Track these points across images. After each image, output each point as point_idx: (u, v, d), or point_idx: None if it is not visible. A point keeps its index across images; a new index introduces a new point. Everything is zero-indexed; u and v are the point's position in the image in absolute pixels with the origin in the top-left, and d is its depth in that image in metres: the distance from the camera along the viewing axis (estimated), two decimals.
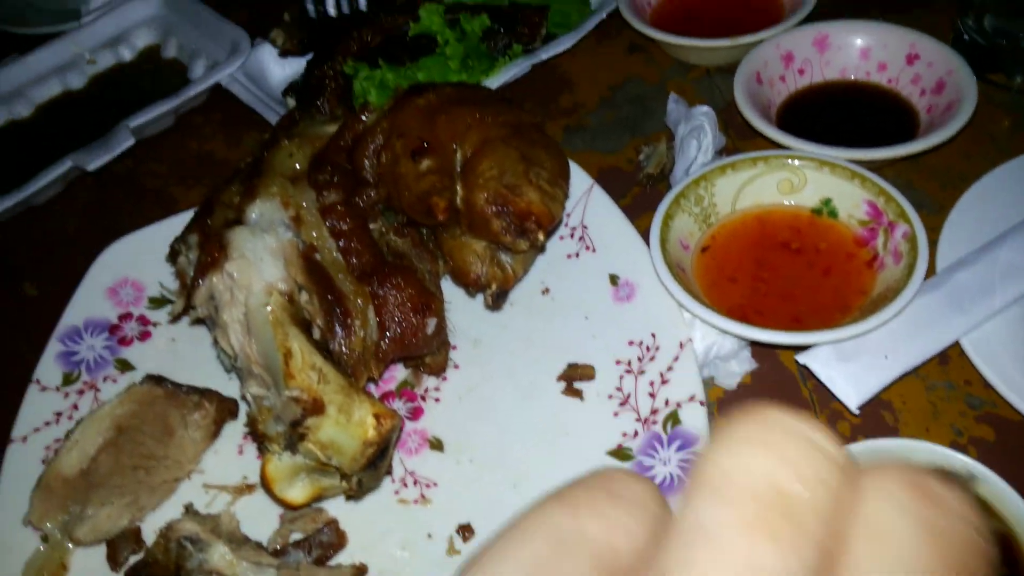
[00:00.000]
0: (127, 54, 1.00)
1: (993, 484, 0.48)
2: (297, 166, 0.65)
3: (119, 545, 0.56)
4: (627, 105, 0.85)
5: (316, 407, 0.51)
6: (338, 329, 0.58)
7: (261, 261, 0.58)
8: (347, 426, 0.51)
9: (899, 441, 0.53)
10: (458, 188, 0.61)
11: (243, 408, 0.63)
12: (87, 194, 0.88)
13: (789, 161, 0.69)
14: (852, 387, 0.56)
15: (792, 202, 0.69)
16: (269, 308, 0.56)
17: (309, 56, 0.88)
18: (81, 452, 0.58)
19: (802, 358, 0.59)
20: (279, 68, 0.92)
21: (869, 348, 0.58)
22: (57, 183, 0.85)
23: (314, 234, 0.61)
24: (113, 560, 0.56)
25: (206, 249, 0.59)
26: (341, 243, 0.61)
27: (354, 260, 0.61)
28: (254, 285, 0.57)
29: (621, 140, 0.82)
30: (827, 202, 0.68)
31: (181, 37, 0.97)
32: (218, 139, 0.91)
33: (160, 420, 0.60)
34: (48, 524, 0.57)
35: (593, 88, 0.87)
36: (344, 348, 0.57)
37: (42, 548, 0.57)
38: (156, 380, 0.62)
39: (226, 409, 0.63)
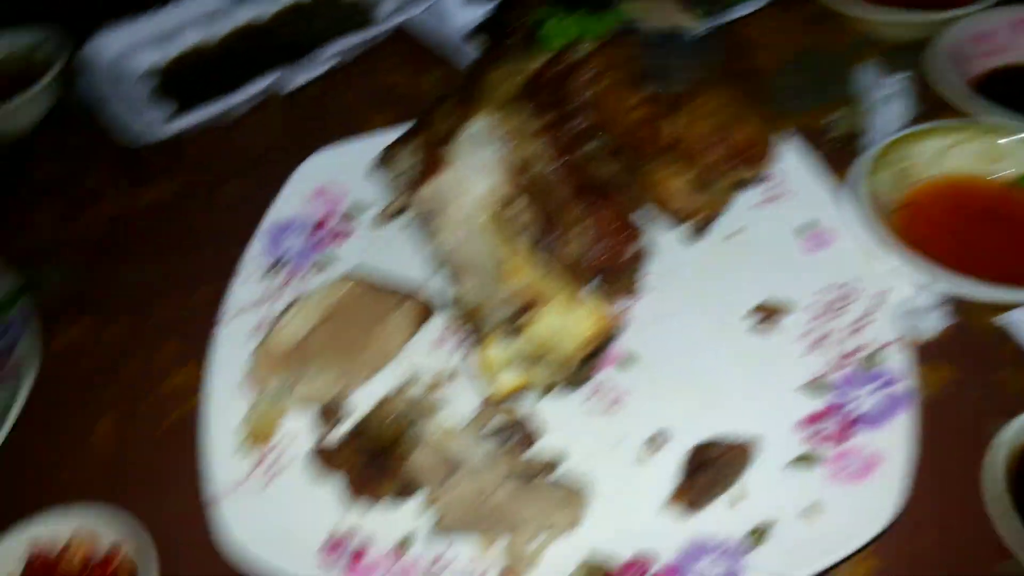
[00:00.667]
0: None
1: None
2: (509, 91, 0.68)
3: (330, 411, 0.59)
4: (810, 71, 0.86)
5: (538, 301, 0.54)
6: (551, 239, 0.60)
7: (480, 170, 0.61)
8: (569, 320, 0.53)
9: None
10: (674, 119, 0.62)
11: (442, 307, 0.66)
12: (277, 115, 0.93)
13: (991, 132, 0.69)
14: None
15: (992, 172, 0.69)
16: (487, 212, 0.59)
17: (494, 3, 0.91)
18: (297, 328, 0.62)
19: (1003, 319, 0.59)
20: (462, 14, 0.95)
21: None
22: (249, 103, 0.90)
23: (527, 152, 0.64)
24: (327, 421, 0.59)
25: (430, 154, 0.62)
26: (551, 164, 0.64)
27: (563, 181, 0.63)
28: (474, 190, 0.60)
29: (804, 103, 0.82)
30: None
31: None
32: (400, 74, 0.95)
33: (366, 312, 0.63)
34: (266, 385, 0.61)
35: (776, 53, 0.88)
36: (555, 257, 0.59)
37: (255, 408, 0.61)
38: (364, 276, 0.65)
39: (425, 309, 0.65)
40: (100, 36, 0.98)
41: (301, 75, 0.92)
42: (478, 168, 0.61)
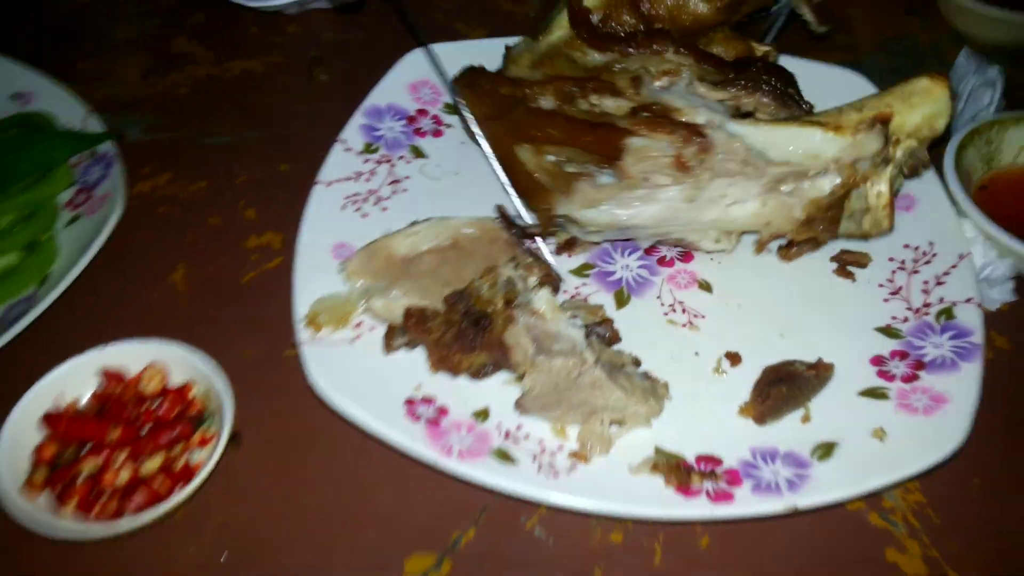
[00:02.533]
0: None
1: None
2: None
3: (414, 315, 0.59)
4: (901, 56, 0.88)
5: (886, 117, 0.59)
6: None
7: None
8: (918, 103, 0.60)
9: None
10: None
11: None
12: (381, 14, 0.94)
13: None
14: None
15: None
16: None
17: None
18: (414, 243, 0.63)
19: None
20: None
21: None
22: None
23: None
24: (415, 323, 0.59)
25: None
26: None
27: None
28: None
29: (893, 83, 0.84)
30: None
31: None
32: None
33: (489, 259, 0.62)
34: (358, 281, 0.62)
35: (870, 35, 0.90)
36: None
37: (339, 297, 0.61)
38: (509, 224, 0.65)
39: (550, 281, 0.63)
40: None
41: None
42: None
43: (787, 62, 0.70)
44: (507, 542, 0.53)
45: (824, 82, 0.71)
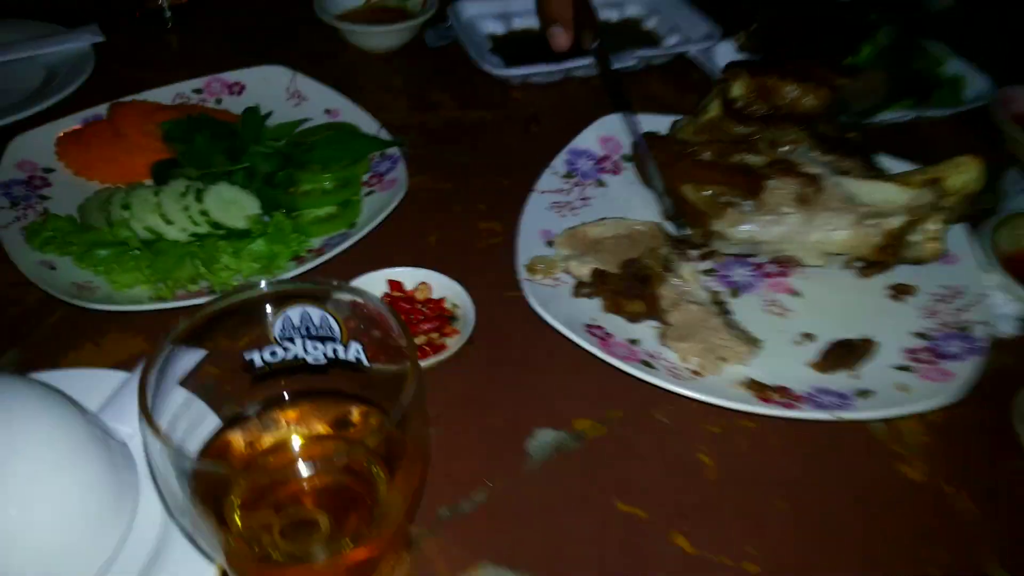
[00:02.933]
0: (614, 16, 1.41)
1: None
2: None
3: (598, 273, 0.91)
4: None
5: (938, 178, 0.89)
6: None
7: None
8: (960, 172, 0.88)
9: None
10: None
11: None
12: (576, 88, 1.29)
13: None
14: None
15: None
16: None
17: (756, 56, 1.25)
18: (602, 230, 0.95)
19: None
20: (727, 57, 1.28)
21: None
22: (554, 77, 1.27)
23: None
24: (598, 278, 0.90)
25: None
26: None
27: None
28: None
29: None
30: None
31: (663, 16, 1.37)
32: (667, 88, 1.30)
33: (653, 246, 0.94)
34: (562, 251, 0.94)
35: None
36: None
37: (548, 257, 0.93)
38: (668, 238, 0.96)
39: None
40: (460, 2, 1.38)
41: (621, 61, 1.28)
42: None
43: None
44: (641, 420, 0.81)
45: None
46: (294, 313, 0.62)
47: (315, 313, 0.62)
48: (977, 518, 0.74)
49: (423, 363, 0.82)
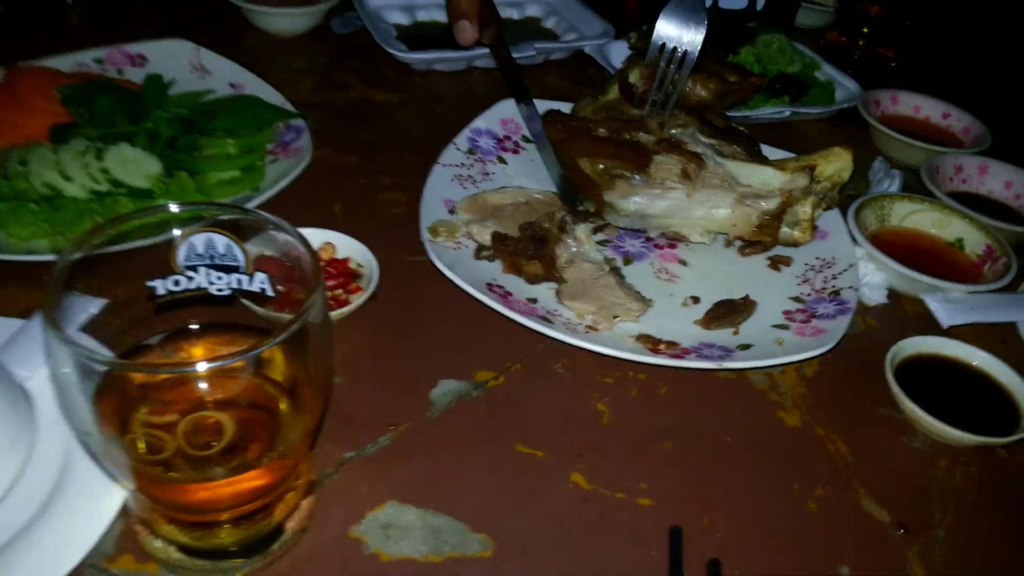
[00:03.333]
0: (516, 15, 1.47)
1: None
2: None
3: (498, 236, 0.94)
4: None
5: (812, 165, 0.95)
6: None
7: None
8: (832, 160, 0.95)
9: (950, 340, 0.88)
10: None
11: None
12: (477, 79, 1.33)
13: (944, 210, 1.07)
14: (946, 314, 0.92)
15: (938, 233, 1.06)
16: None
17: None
18: (502, 198, 0.99)
19: (924, 296, 0.95)
20: (620, 53, 1.35)
21: (964, 304, 0.94)
22: (456, 65, 1.31)
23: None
24: (498, 240, 0.93)
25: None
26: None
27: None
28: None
29: None
30: (960, 240, 1.05)
31: (561, 16, 1.44)
32: (564, 80, 1.36)
33: (537, 210, 0.99)
34: (464, 215, 0.97)
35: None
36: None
37: (450, 221, 0.96)
38: (546, 192, 1.01)
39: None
40: None
41: (520, 52, 1.32)
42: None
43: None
44: (540, 373, 0.85)
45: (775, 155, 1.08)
46: (198, 240, 0.62)
47: (220, 241, 0.62)
48: (847, 458, 0.80)
49: None
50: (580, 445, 0.78)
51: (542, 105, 1.11)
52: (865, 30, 1.51)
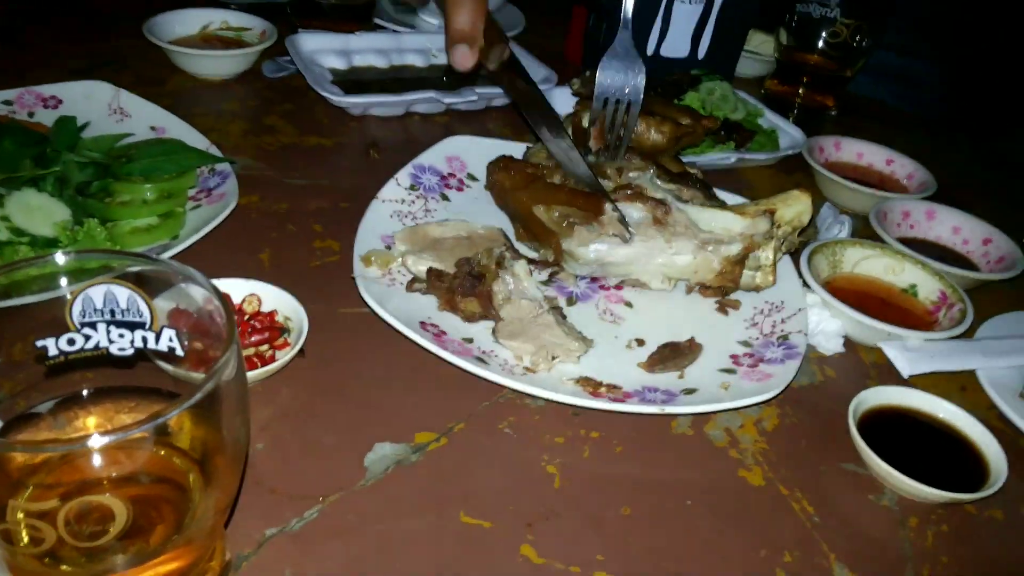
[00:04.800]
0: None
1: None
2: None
3: (433, 272, 0.88)
4: None
5: (772, 209, 0.92)
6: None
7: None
8: (792, 204, 0.92)
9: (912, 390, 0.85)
10: None
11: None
12: (414, 126, 1.28)
13: (896, 256, 1.04)
14: (906, 363, 0.89)
15: (891, 280, 1.04)
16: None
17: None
18: (443, 230, 0.93)
19: (882, 345, 0.92)
20: (563, 99, 1.32)
21: (923, 352, 0.90)
22: (393, 110, 1.26)
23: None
24: (434, 276, 0.87)
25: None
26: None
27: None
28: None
29: None
30: (913, 286, 1.02)
31: None
32: (508, 128, 1.32)
33: (479, 245, 0.94)
34: (401, 246, 0.91)
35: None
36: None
37: (385, 249, 0.91)
38: (506, 241, 0.96)
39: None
40: (300, 36, 1.35)
41: (461, 97, 1.28)
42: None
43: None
44: (485, 434, 0.78)
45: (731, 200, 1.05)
46: (96, 293, 0.54)
47: (121, 294, 0.55)
48: (814, 519, 0.75)
49: (250, 375, 0.76)
50: (530, 514, 0.71)
51: (495, 145, 1.07)
52: (805, 79, 1.51)
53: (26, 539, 0.48)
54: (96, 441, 0.43)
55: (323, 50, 1.35)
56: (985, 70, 1.48)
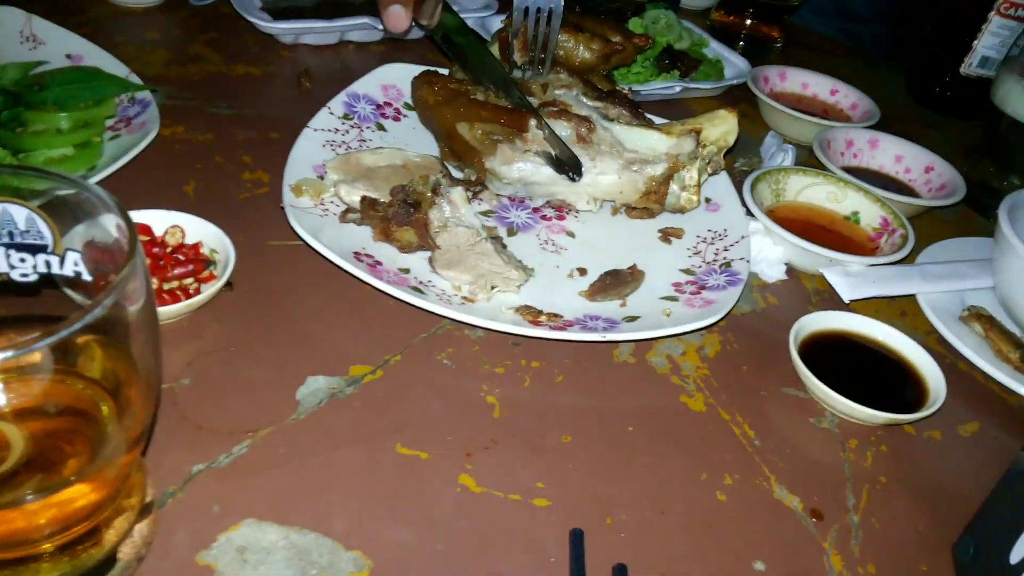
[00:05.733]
0: None
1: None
2: None
3: (367, 201, 0.85)
4: None
5: (697, 129, 0.90)
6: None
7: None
8: (717, 124, 0.91)
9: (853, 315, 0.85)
10: None
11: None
12: (349, 55, 1.22)
13: (839, 183, 1.04)
14: (847, 288, 0.88)
15: (833, 207, 1.03)
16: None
17: None
18: (376, 159, 0.89)
19: (824, 271, 0.91)
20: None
21: (863, 277, 0.90)
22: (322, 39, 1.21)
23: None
24: (368, 205, 0.84)
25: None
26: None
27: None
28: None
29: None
30: (855, 213, 1.02)
31: None
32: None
33: (411, 172, 0.90)
34: (333, 175, 0.87)
35: None
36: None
37: (316, 179, 0.87)
38: (443, 169, 0.92)
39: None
40: None
41: (369, 34, 1.23)
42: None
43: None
44: (423, 365, 0.76)
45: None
46: None
47: (19, 213, 0.51)
48: (755, 442, 0.74)
49: (172, 308, 0.72)
50: (469, 443, 0.69)
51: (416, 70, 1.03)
52: (751, 10, 1.48)
53: None
54: None
55: None
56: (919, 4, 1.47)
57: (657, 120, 1.02)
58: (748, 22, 1.49)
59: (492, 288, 0.79)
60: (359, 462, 0.66)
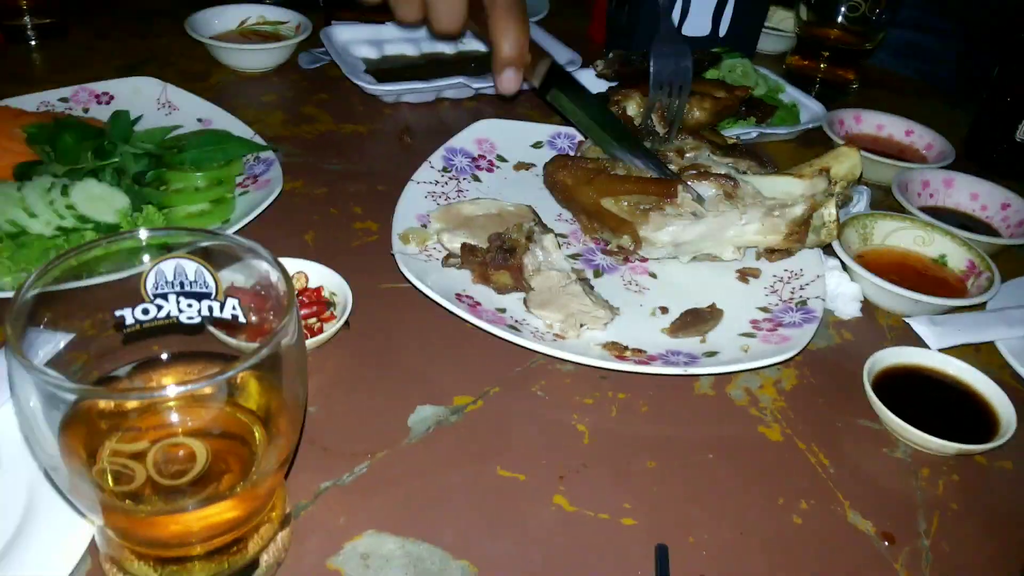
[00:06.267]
0: (483, 47, 1.48)
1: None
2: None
3: (467, 247, 0.94)
4: None
5: (826, 168, 0.97)
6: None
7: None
8: (843, 160, 0.98)
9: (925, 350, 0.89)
10: None
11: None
12: (446, 111, 1.33)
13: (925, 227, 1.07)
14: (935, 338, 0.92)
15: (921, 250, 1.07)
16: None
17: (613, 84, 1.33)
18: (474, 208, 0.99)
19: (910, 321, 0.96)
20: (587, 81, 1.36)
21: (949, 326, 0.94)
22: (423, 97, 1.32)
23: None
24: (467, 251, 0.93)
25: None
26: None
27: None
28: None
29: None
30: (943, 256, 1.06)
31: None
32: (535, 111, 1.37)
33: (507, 222, 0.99)
34: (436, 224, 0.97)
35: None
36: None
37: (421, 228, 0.97)
38: (535, 216, 1.00)
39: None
40: (333, 27, 1.41)
41: (462, 91, 1.33)
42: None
43: None
44: (519, 396, 0.84)
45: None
46: (167, 267, 0.61)
47: (189, 267, 0.61)
48: (829, 470, 0.79)
49: None
50: (561, 467, 0.76)
51: (523, 127, 1.13)
52: (826, 53, 1.53)
53: (112, 480, 0.55)
54: (173, 390, 0.49)
55: (356, 40, 1.41)
56: (997, 43, 1.49)
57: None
58: (823, 66, 1.54)
59: (581, 326, 0.87)
60: (464, 482, 0.74)
